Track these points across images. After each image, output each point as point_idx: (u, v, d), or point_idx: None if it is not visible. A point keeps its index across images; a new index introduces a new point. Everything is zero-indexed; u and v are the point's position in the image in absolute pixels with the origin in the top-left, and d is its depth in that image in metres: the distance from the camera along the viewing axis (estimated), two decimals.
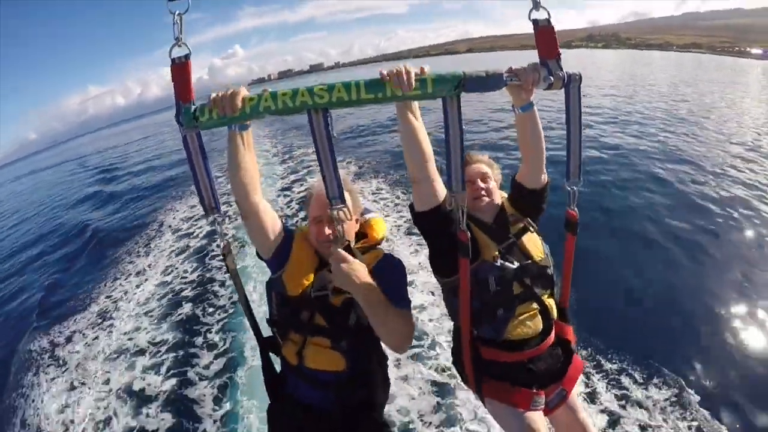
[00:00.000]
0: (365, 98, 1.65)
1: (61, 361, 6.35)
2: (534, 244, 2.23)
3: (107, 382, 5.55)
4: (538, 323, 2.18)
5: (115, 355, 6.13)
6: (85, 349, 6.52)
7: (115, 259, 10.21)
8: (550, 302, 2.23)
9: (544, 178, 2.17)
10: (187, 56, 1.71)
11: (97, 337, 6.74)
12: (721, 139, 13.89)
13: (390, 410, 3.92)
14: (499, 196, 2.30)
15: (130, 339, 6.44)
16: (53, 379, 5.93)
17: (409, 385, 4.28)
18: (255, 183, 1.90)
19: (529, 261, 2.18)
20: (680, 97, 24.34)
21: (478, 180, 2.25)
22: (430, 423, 3.79)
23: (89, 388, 5.47)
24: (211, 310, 6.67)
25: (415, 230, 2.11)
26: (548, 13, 1.76)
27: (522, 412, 2.13)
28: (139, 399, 5.09)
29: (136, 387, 5.32)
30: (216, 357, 5.51)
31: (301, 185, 11.99)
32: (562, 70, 1.75)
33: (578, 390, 3.01)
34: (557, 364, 2.27)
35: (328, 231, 1.99)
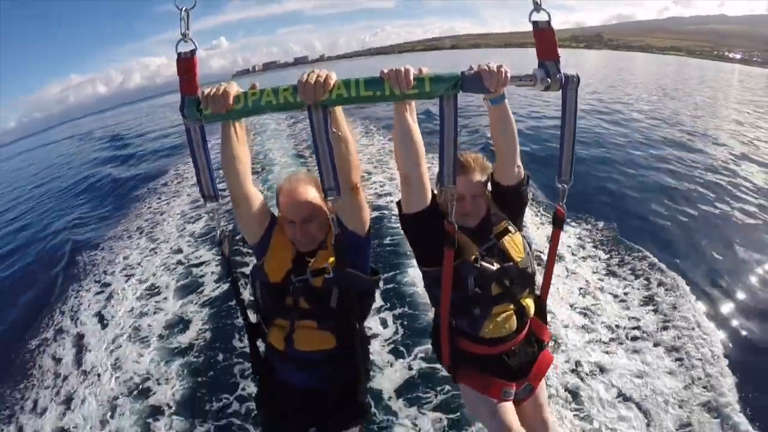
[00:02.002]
0: (364, 96, 1.68)
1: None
2: (515, 245, 2.25)
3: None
4: (513, 323, 2.23)
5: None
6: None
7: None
8: (528, 302, 2.27)
9: (520, 172, 2.16)
10: (193, 51, 1.75)
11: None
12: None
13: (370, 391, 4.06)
14: (486, 202, 2.28)
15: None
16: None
17: (391, 369, 4.38)
18: (246, 171, 1.96)
19: (510, 263, 2.21)
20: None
21: (469, 197, 2.19)
22: (408, 405, 3.91)
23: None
24: None
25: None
26: (548, 15, 1.76)
27: (493, 401, 2.23)
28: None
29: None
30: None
31: None
32: (560, 72, 1.76)
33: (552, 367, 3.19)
34: (529, 360, 2.34)
35: (300, 234, 2.06)
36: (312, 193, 2.09)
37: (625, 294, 5.38)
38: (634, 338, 4.60)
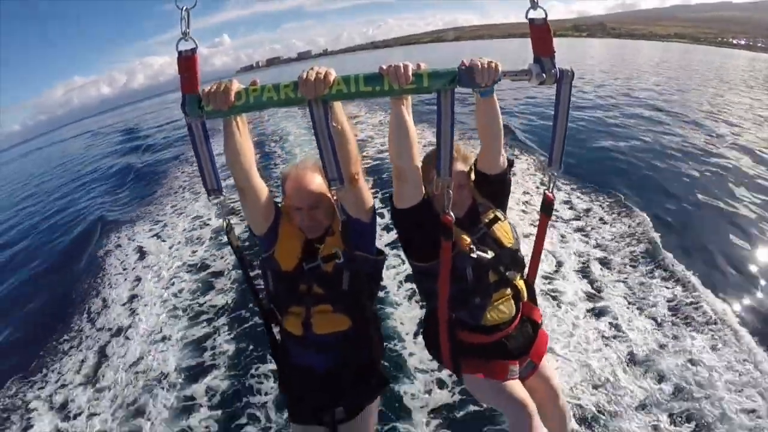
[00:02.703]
0: (364, 91, 1.70)
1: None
2: (504, 231, 2.30)
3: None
4: (511, 307, 2.29)
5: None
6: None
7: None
8: (521, 284, 2.34)
9: (503, 161, 2.20)
10: (193, 50, 1.77)
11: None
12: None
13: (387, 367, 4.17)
14: (471, 193, 2.32)
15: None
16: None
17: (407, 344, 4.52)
18: (251, 163, 1.98)
19: (503, 248, 2.27)
20: None
21: (455, 188, 2.16)
22: (424, 379, 4.04)
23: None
24: None
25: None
26: (545, 13, 1.79)
27: (500, 381, 2.27)
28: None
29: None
30: None
31: None
32: (555, 67, 1.78)
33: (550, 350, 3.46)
34: (526, 340, 2.40)
35: (308, 220, 2.12)
36: (318, 181, 2.15)
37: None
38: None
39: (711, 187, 7.73)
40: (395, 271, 5.59)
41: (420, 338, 4.19)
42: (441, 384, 3.96)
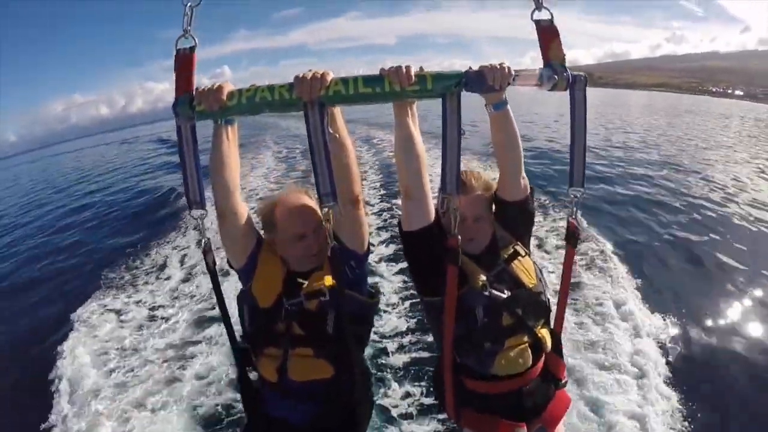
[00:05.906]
0: (363, 93, 1.59)
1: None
2: (525, 269, 2.07)
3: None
4: (528, 358, 2.02)
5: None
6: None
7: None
8: (544, 333, 2.06)
9: (525, 184, 2.01)
10: (192, 48, 1.71)
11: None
12: None
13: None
14: (491, 226, 2.09)
15: None
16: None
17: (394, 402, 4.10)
18: (236, 181, 1.86)
19: (521, 288, 2.02)
20: None
21: (470, 219, 2.00)
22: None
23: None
24: None
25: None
26: (551, 14, 1.68)
27: None
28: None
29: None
30: None
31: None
32: (567, 71, 1.66)
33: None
34: (543, 399, 2.11)
35: (315, 246, 1.92)
36: (314, 203, 1.97)
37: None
38: None
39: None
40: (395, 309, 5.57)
41: (416, 388, 4.21)
42: None
